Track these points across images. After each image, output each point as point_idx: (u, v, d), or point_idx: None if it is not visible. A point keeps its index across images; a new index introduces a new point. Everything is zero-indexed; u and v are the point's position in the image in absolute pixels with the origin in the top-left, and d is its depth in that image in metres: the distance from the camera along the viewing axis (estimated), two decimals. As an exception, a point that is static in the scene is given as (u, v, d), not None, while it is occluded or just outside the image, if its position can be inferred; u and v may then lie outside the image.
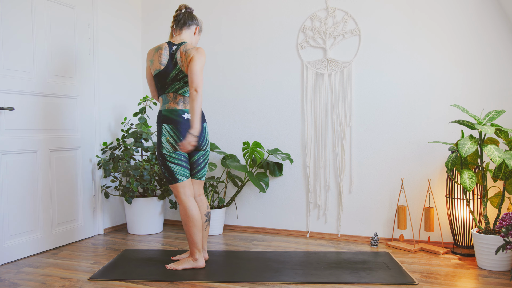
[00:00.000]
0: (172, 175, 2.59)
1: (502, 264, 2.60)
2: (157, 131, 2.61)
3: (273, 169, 3.57)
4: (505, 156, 2.55)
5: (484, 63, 3.06)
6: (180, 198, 2.61)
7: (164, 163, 2.59)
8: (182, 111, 2.58)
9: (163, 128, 2.57)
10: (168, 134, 2.55)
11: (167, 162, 2.58)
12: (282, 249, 3.14)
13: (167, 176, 2.61)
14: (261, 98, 3.67)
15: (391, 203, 3.30)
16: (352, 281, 2.42)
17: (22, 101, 2.93)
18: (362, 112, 3.37)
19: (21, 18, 2.93)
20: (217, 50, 3.80)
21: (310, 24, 3.49)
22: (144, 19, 4.07)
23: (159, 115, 2.61)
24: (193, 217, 2.59)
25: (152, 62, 2.61)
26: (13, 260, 2.86)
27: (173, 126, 2.55)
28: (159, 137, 2.58)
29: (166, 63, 2.56)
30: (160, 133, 2.58)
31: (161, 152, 2.58)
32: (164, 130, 2.56)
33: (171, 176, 2.59)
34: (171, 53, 2.57)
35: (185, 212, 2.59)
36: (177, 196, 2.62)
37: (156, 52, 2.59)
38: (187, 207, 2.59)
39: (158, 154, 2.60)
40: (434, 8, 3.16)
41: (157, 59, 2.58)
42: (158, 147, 2.59)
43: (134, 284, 2.41)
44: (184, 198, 2.60)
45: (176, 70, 2.55)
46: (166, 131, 2.56)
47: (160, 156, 2.60)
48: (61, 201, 3.24)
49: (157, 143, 2.61)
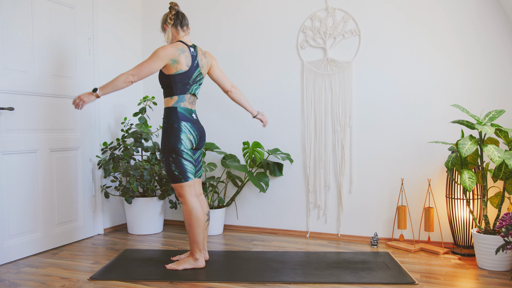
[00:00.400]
0: (183, 173, 2.57)
1: (502, 264, 2.60)
2: (171, 128, 2.57)
3: (273, 169, 3.57)
4: (505, 156, 2.55)
5: (484, 63, 3.06)
6: (185, 198, 2.59)
7: (178, 160, 2.56)
8: (192, 111, 2.66)
9: (182, 125, 2.58)
10: (188, 131, 2.59)
11: (181, 159, 2.56)
12: (282, 249, 3.14)
13: (176, 175, 2.56)
14: (261, 98, 3.68)
15: (391, 203, 3.30)
16: (352, 281, 2.42)
17: (22, 101, 2.93)
18: (362, 112, 3.37)
19: (21, 18, 2.93)
20: (217, 50, 3.80)
21: (310, 24, 3.49)
22: (144, 19, 4.07)
23: (175, 112, 2.59)
24: (198, 217, 2.59)
25: (176, 62, 2.57)
26: (13, 260, 2.86)
27: (191, 124, 2.61)
28: (177, 133, 2.56)
29: (190, 64, 2.61)
30: (179, 130, 2.57)
31: (177, 148, 2.55)
32: (184, 127, 2.59)
33: (182, 174, 2.56)
34: (192, 55, 2.63)
35: (191, 212, 2.58)
36: (183, 195, 2.59)
37: (182, 54, 2.58)
38: (192, 207, 2.58)
39: (172, 151, 2.55)
40: (434, 8, 3.16)
41: (184, 61, 2.58)
42: (175, 143, 2.55)
43: (134, 284, 2.41)
44: (190, 198, 2.59)
45: (197, 72, 2.65)
46: (187, 129, 2.59)
47: (174, 153, 2.55)
48: (61, 201, 3.24)
49: (172, 139, 2.55)
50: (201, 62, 2.68)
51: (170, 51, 2.56)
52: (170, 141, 2.57)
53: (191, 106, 2.66)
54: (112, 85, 2.53)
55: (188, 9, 3.90)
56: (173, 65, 2.57)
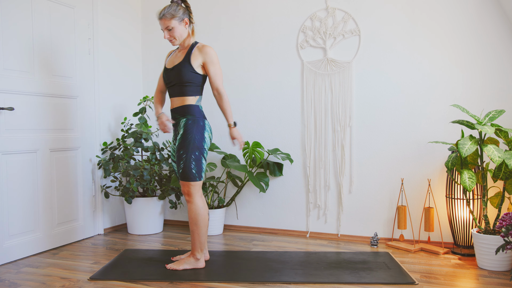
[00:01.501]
0: (200, 171, 2.56)
1: (502, 264, 2.60)
2: (197, 125, 2.56)
3: (273, 169, 3.57)
4: (505, 156, 2.55)
5: (484, 63, 3.06)
6: (195, 197, 2.57)
7: (199, 158, 2.55)
8: None
9: (206, 124, 2.62)
10: (209, 130, 2.63)
11: (202, 158, 2.56)
12: (282, 249, 3.14)
13: (193, 173, 2.54)
14: (261, 98, 3.68)
15: (391, 203, 3.30)
16: (352, 281, 2.42)
17: (22, 101, 2.93)
18: (362, 112, 3.37)
19: (21, 18, 2.93)
20: (217, 50, 3.80)
21: (310, 24, 3.49)
22: (144, 19, 4.07)
23: (199, 110, 2.62)
24: (205, 217, 2.60)
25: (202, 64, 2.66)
26: (13, 260, 2.86)
27: (209, 124, 2.66)
28: (202, 131, 2.57)
29: None
30: (203, 128, 2.58)
31: (202, 146, 2.55)
32: (207, 126, 2.62)
33: (198, 172, 2.56)
34: None
35: (198, 211, 2.58)
36: (192, 195, 2.57)
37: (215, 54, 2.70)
38: (200, 206, 2.58)
39: (197, 148, 2.53)
40: (434, 8, 3.16)
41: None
42: (200, 141, 2.55)
43: (134, 284, 2.41)
44: (199, 198, 2.59)
45: None
46: (209, 127, 2.62)
47: (198, 150, 2.54)
48: (61, 201, 3.24)
49: (197, 137, 2.54)
50: None
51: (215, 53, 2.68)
52: (196, 138, 2.54)
53: None
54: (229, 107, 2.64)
55: (188, 9, 3.90)
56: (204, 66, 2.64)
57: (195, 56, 2.59)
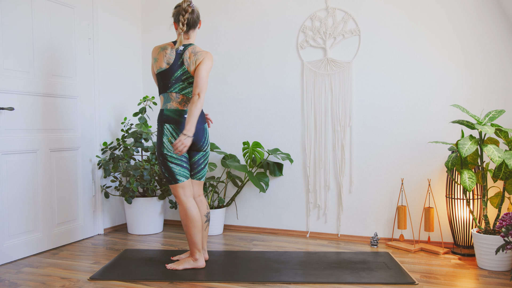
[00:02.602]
0: (172, 175, 2.58)
1: (502, 264, 2.60)
2: (158, 131, 2.60)
3: (273, 169, 3.57)
4: (505, 156, 2.55)
5: (484, 63, 3.06)
6: (180, 199, 2.61)
7: (164, 163, 2.58)
8: (184, 111, 2.58)
9: (164, 128, 2.55)
10: (170, 134, 2.55)
11: (167, 162, 2.57)
12: (282, 249, 3.14)
13: (167, 176, 2.60)
14: (261, 98, 3.67)
15: (391, 203, 3.30)
16: (352, 281, 2.42)
17: (22, 101, 2.93)
18: (362, 112, 3.37)
19: (21, 18, 2.93)
20: (217, 50, 3.80)
21: (310, 24, 3.49)
22: (144, 18, 4.07)
23: (161, 115, 2.59)
24: (192, 217, 2.59)
25: (156, 60, 2.58)
26: (13, 260, 2.86)
27: (175, 126, 2.55)
28: (160, 136, 2.56)
29: (172, 62, 2.55)
30: (161, 133, 2.56)
31: (162, 152, 2.57)
32: (166, 130, 2.55)
33: (171, 176, 2.58)
34: (178, 53, 2.56)
35: (185, 212, 2.59)
36: (177, 196, 2.62)
37: (162, 51, 2.57)
38: (186, 207, 2.59)
39: (159, 154, 2.58)
40: (434, 8, 3.16)
41: (162, 58, 2.55)
42: (159, 147, 2.57)
43: (134, 284, 2.41)
44: (184, 199, 2.60)
45: (181, 70, 2.55)
46: (168, 131, 2.55)
47: (160, 156, 2.58)
48: (61, 201, 3.24)
49: (157, 142, 2.58)
50: (188, 60, 2.53)
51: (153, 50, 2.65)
52: (156, 144, 2.60)
53: (181, 106, 2.56)
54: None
55: (188, 9, 3.90)
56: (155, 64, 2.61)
57: None
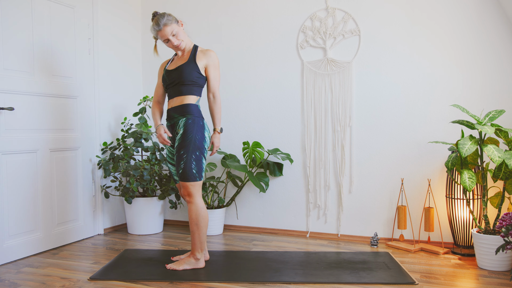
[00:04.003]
0: (200, 171, 2.56)
1: (502, 264, 2.60)
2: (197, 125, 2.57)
3: (273, 169, 3.57)
4: (505, 156, 2.55)
5: (484, 63, 3.06)
6: (196, 198, 2.56)
7: (199, 158, 2.55)
8: None
9: (205, 124, 2.63)
10: (208, 130, 2.64)
11: (203, 158, 2.57)
12: (282, 249, 3.14)
13: (193, 172, 2.52)
14: (261, 98, 3.68)
15: (391, 203, 3.30)
16: (352, 281, 2.42)
17: (22, 101, 2.93)
18: (362, 112, 3.37)
19: (21, 18, 2.93)
20: (217, 50, 3.80)
21: (310, 24, 3.49)
22: (144, 19, 4.07)
23: (198, 110, 2.63)
24: (205, 217, 2.60)
25: None
26: (13, 260, 2.86)
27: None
28: (202, 131, 2.58)
29: None
30: (203, 128, 2.59)
31: (202, 146, 2.56)
32: (207, 126, 2.63)
33: (199, 172, 2.55)
34: None
35: (199, 212, 2.57)
36: (193, 195, 2.56)
37: None
38: (201, 206, 2.58)
39: (197, 148, 2.53)
40: (434, 8, 3.16)
41: None
42: (201, 141, 2.55)
43: (134, 284, 2.41)
44: (200, 198, 2.59)
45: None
46: (208, 127, 2.64)
47: (199, 150, 2.54)
48: (61, 201, 3.24)
49: (198, 136, 2.54)
50: None
51: None
52: (196, 138, 2.54)
53: None
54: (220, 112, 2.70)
55: (187, 9, 3.90)
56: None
57: (199, 57, 2.65)
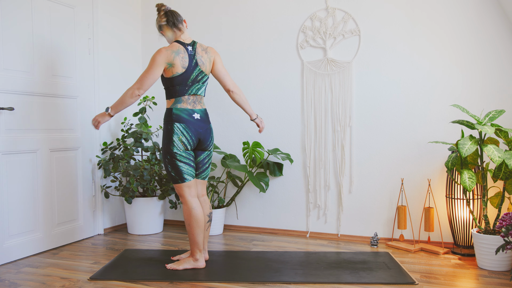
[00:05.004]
0: (179, 174, 2.57)
1: (502, 264, 2.60)
2: (166, 130, 2.58)
3: (273, 169, 3.57)
4: (505, 156, 2.55)
5: (484, 63, 3.06)
6: (185, 198, 2.60)
7: (173, 162, 2.57)
8: (193, 111, 2.61)
9: (175, 127, 2.56)
10: (180, 133, 2.57)
11: (176, 161, 2.56)
12: (282, 249, 3.14)
13: (173, 176, 2.59)
14: (261, 98, 3.67)
15: (391, 203, 3.30)
16: (352, 281, 2.42)
17: (22, 101, 2.93)
18: (362, 112, 3.37)
19: (21, 18, 2.93)
20: (217, 50, 3.80)
21: (310, 24, 3.49)
22: (144, 19, 4.07)
23: (170, 114, 2.58)
24: (197, 217, 2.59)
25: (172, 65, 2.54)
26: (13, 260, 2.86)
27: (185, 125, 2.57)
28: (170, 135, 2.56)
29: (187, 65, 2.56)
30: (171, 132, 2.56)
31: (171, 150, 2.56)
32: (177, 129, 2.56)
33: (178, 175, 2.58)
34: (189, 54, 2.59)
35: (190, 212, 2.59)
36: (182, 195, 2.61)
37: (177, 56, 2.54)
38: (191, 207, 2.59)
39: (167, 152, 2.57)
40: (434, 8, 3.16)
41: (179, 63, 2.54)
42: (168, 146, 2.56)
43: (134, 284, 2.41)
44: (189, 198, 2.60)
45: (196, 71, 2.60)
46: (179, 130, 2.56)
47: (169, 154, 2.57)
48: (61, 201, 3.24)
49: (165, 141, 2.57)
50: (202, 59, 2.62)
51: (165, 55, 2.52)
52: (164, 142, 2.59)
53: (192, 106, 2.61)
54: (121, 102, 2.57)
55: (188, 9, 3.90)
56: (169, 69, 2.55)
57: None
